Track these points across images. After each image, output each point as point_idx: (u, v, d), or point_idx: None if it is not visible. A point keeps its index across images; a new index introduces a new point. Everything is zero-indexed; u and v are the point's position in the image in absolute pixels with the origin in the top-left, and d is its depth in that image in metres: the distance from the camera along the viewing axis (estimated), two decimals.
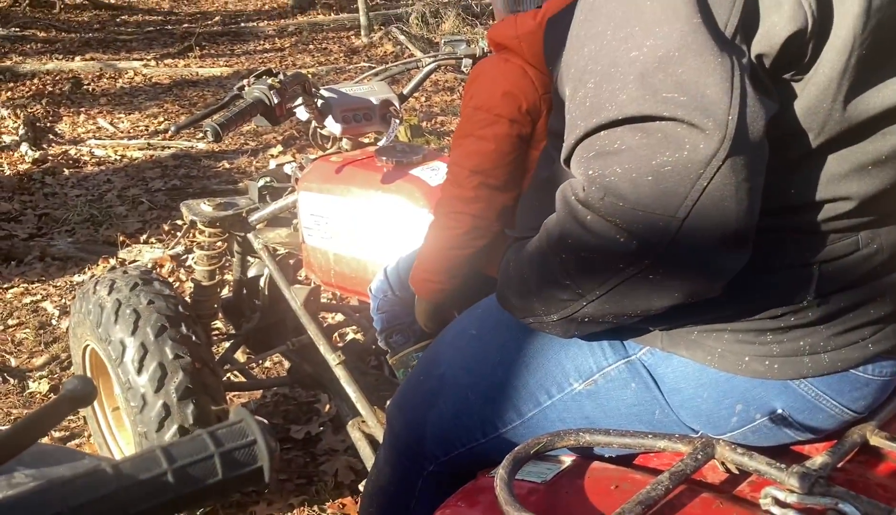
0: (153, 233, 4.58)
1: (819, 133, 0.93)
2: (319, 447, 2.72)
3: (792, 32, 0.86)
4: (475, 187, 1.58)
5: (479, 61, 1.73)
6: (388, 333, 1.93)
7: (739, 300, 1.01)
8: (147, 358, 2.08)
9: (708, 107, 0.83)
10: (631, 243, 0.88)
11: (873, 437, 1.08)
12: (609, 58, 0.89)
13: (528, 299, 1.07)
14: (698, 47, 0.83)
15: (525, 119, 1.57)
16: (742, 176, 0.84)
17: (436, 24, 10.10)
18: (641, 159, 0.86)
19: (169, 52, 9.73)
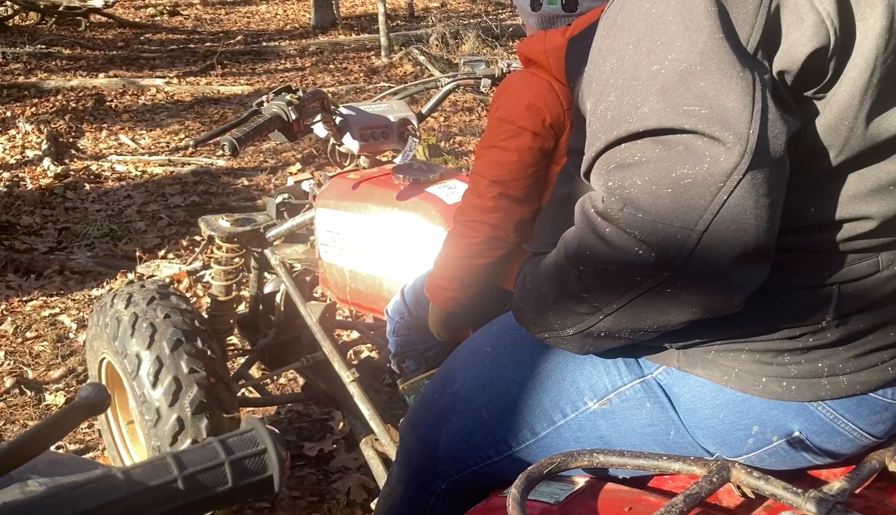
0: (171, 248, 4.61)
1: (840, 151, 0.92)
2: (332, 464, 2.72)
3: (814, 49, 0.86)
4: (494, 197, 1.59)
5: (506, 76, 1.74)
6: (401, 358, 1.94)
7: (757, 319, 1.00)
8: (162, 371, 2.09)
9: (729, 121, 0.83)
10: (650, 255, 0.88)
11: (892, 463, 1.07)
12: (631, 71, 0.89)
13: (544, 313, 1.07)
14: (720, 61, 0.84)
15: (548, 133, 1.58)
16: (762, 190, 0.84)
17: (455, 46, 10.15)
18: (662, 171, 0.86)
19: (191, 69, 9.83)
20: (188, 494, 0.51)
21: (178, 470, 0.52)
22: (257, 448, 0.54)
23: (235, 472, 0.53)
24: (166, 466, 0.52)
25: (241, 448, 0.54)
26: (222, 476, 0.53)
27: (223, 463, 0.53)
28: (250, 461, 0.54)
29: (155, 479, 0.51)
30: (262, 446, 0.54)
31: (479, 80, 2.31)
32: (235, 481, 0.53)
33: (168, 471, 0.52)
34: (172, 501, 0.51)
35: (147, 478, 0.51)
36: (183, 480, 0.51)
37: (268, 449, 0.54)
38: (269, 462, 0.54)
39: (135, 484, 0.50)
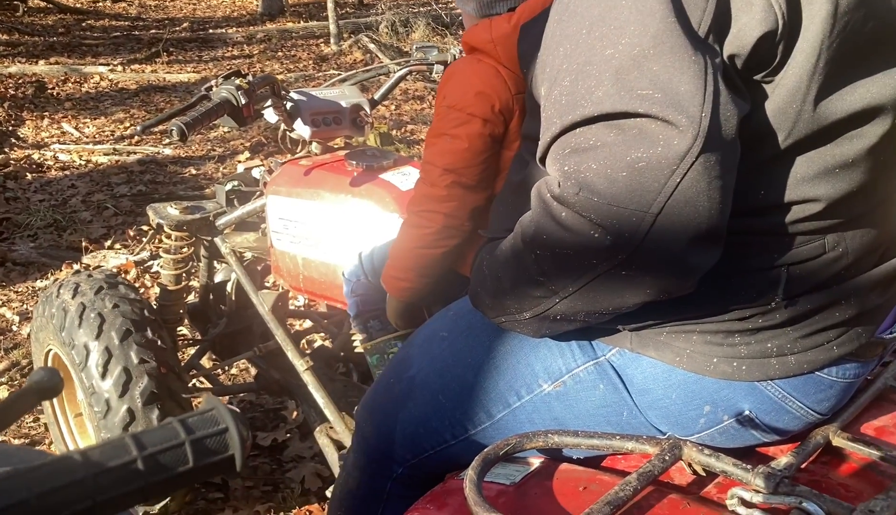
0: (118, 238, 4.52)
1: (788, 134, 0.94)
2: (286, 454, 2.70)
3: (762, 34, 0.87)
4: (448, 186, 1.59)
5: (453, 63, 1.73)
6: (365, 318, 1.91)
7: (709, 300, 1.02)
8: (111, 362, 2.05)
9: (682, 104, 0.84)
10: (605, 238, 0.88)
11: (836, 438, 1.10)
12: (584, 56, 0.90)
13: (501, 297, 1.07)
14: (672, 46, 0.85)
15: (498, 118, 1.58)
16: (715, 173, 0.86)
17: (405, 34, 10.11)
18: (616, 155, 0.87)
19: (136, 57, 9.63)
20: (148, 474, 0.51)
21: (137, 451, 0.51)
22: (218, 428, 0.53)
23: (196, 452, 0.52)
24: (125, 446, 0.51)
25: (202, 428, 0.53)
26: (183, 456, 0.52)
27: (183, 443, 0.52)
28: (211, 440, 0.53)
29: (114, 460, 0.50)
30: (223, 425, 0.54)
31: (432, 65, 2.30)
32: (196, 461, 0.52)
33: (127, 452, 0.51)
34: (132, 482, 0.50)
35: (106, 459, 0.50)
36: (143, 460, 0.51)
37: (229, 429, 0.54)
38: (231, 442, 0.54)
39: (93, 466, 0.49)
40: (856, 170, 0.98)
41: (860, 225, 1.03)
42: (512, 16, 1.55)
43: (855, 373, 1.10)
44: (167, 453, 0.52)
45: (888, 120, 0.97)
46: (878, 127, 0.97)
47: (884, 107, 0.96)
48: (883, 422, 1.17)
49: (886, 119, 0.97)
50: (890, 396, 1.22)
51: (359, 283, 1.88)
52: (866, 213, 1.03)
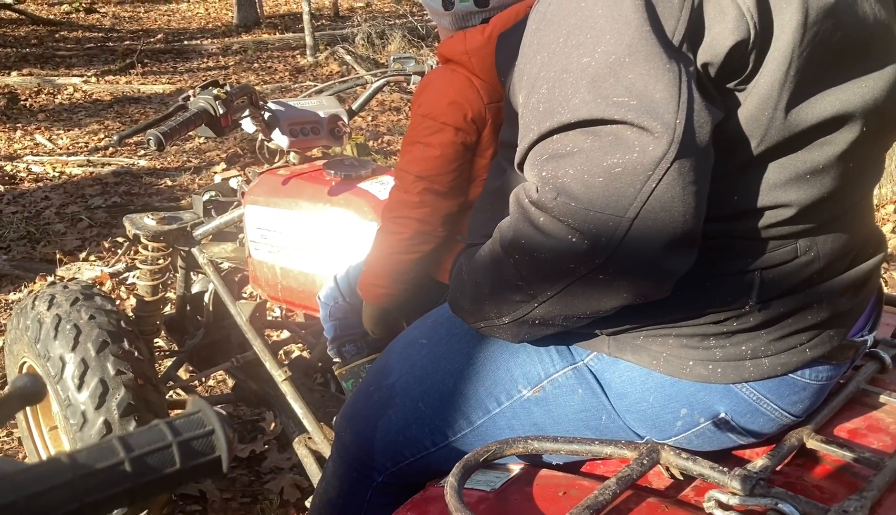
0: (93, 250, 4.48)
1: (761, 141, 0.96)
2: (264, 465, 2.69)
3: (735, 42, 0.89)
4: (420, 193, 1.61)
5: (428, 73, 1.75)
6: (342, 342, 1.92)
7: (684, 305, 1.04)
8: (88, 374, 2.03)
9: (656, 111, 0.86)
10: (582, 243, 0.90)
11: (810, 440, 1.12)
12: (561, 64, 0.91)
13: (480, 302, 1.08)
14: (647, 54, 0.86)
15: (470, 127, 1.60)
16: (689, 178, 0.87)
17: (382, 45, 10.13)
18: (593, 161, 0.88)
19: (110, 68, 9.58)
20: (136, 476, 0.51)
21: (125, 452, 0.51)
22: (205, 429, 0.54)
23: (183, 453, 0.53)
24: (112, 449, 0.51)
25: (189, 430, 0.54)
26: (170, 458, 0.53)
27: (171, 445, 0.52)
28: (198, 442, 0.53)
29: (101, 462, 0.50)
30: (210, 427, 0.54)
31: (410, 76, 2.31)
32: (183, 462, 0.53)
33: (115, 454, 0.51)
34: (120, 483, 0.50)
35: (93, 461, 0.50)
36: (130, 462, 0.51)
37: (215, 430, 0.54)
38: (217, 443, 0.54)
39: (80, 468, 0.49)
40: (826, 176, 1.00)
41: (831, 230, 1.05)
42: (486, 27, 1.57)
43: (827, 376, 1.11)
44: (154, 454, 0.52)
45: (856, 127, 0.99)
46: (847, 134, 0.99)
47: (852, 115, 0.98)
48: (856, 424, 1.19)
49: (855, 126, 0.99)
50: (862, 399, 1.24)
51: (336, 307, 1.89)
52: (837, 218, 1.05)
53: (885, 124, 1.04)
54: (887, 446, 1.13)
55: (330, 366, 2.35)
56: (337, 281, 1.87)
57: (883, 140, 1.08)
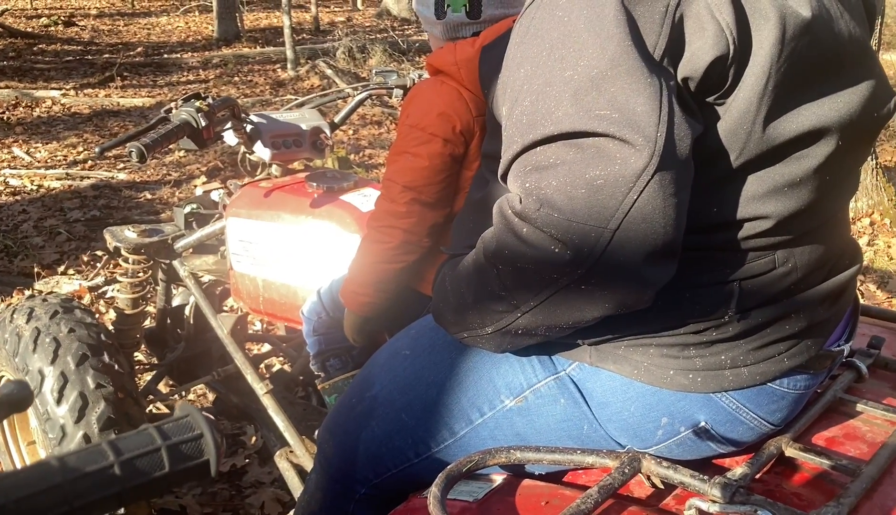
0: (71, 264, 4.45)
1: (740, 154, 0.98)
2: (245, 479, 2.67)
3: (715, 57, 0.91)
4: (407, 203, 1.62)
5: (416, 84, 1.76)
6: (325, 357, 1.92)
7: (665, 315, 1.05)
8: (67, 387, 2.01)
9: (638, 124, 0.87)
10: (565, 253, 0.91)
11: (788, 449, 1.13)
12: (545, 77, 0.93)
13: (463, 312, 1.09)
14: (629, 68, 0.88)
15: (458, 139, 1.61)
16: (670, 190, 0.89)
17: (362, 60, 10.16)
18: (575, 173, 0.89)
19: (89, 81, 9.52)
20: (125, 479, 0.51)
21: (114, 456, 0.51)
22: (193, 433, 0.54)
23: (172, 457, 0.53)
24: (102, 452, 0.51)
25: (177, 434, 0.54)
26: (159, 462, 0.53)
27: (160, 448, 0.53)
28: (186, 446, 0.54)
29: (91, 465, 0.50)
30: (199, 431, 0.54)
31: (392, 89, 2.32)
32: (172, 466, 0.53)
33: (104, 457, 0.51)
34: (109, 486, 0.50)
35: (83, 465, 0.50)
36: (120, 465, 0.51)
37: (204, 434, 0.54)
38: (206, 447, 0.54)
39: (71, 471, 0.49)
40: (803, 188, 1.02)
41: (808, 241, 1.07)
42: (475, 40, 1.59)
43: (805, 385, 1.13)
44: (143, 458, 0.52)
45: (832, 141, 1.01)
46: (823, 147, 1.01)
47: (828, 129, 1.00)
48: (833, 433, 1.21)
49: (831, 140, 1.01)
50: (839, 407, 1.26)
51: (320, 321, 1.89)
52: (814, 230, 1.07)
53: (860, 138, 1.07)
54: (864, 453, 1.14)
55: (311, 379, 2.35)
56: (320, 296, 1.87)
57: (857, 154, 1.11)
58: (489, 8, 1.63)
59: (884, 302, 4.05)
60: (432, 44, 1.75)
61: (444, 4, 1.63)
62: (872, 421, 1.23)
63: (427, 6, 1.67)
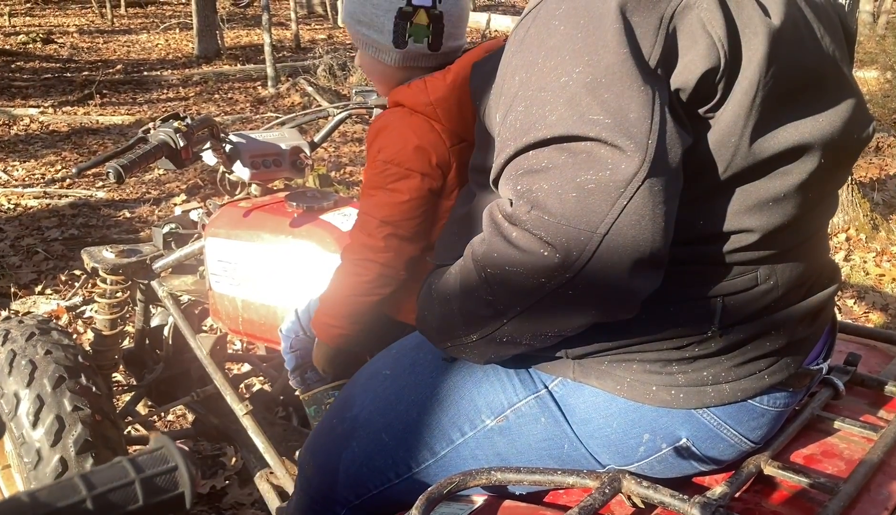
0: (49, 283, 4.41)
1: (727, 167, 0.99)
2: (225, 501, 2.65)
3: (706, 70, 0.93)
4: (385, 237, 1.59)
5: (380, 114, 1.71)
6: (303, 369, 1.90)
7: (649, 328, 1.06)
8: (44, 410, 1.98)
9: (630, 131, 0.88)
10: (554, 257, 0.91)
11: (767, 467, 1.14)
12: (539, 83, 0.94)
13: (449, 319, 1.09)
14: (624, 75, 0.89)
15: (436, 172, 1.59)
16: (659, 198, 0.90)
17: (343, 77, 10.17)
18: (567, 176, 0.90)
19: (68, 99, 9.47)
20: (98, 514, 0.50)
21: (86, 490, 0.50)
22: (168, 466, 0.53)
23: (146, 490, 0.52)
24: (74, 486, 0.50)
25: (152, 466, 0.53)
26: (133, 495, 0.52)
27: (133, 482, 0.52)
28: (161, 478, 0.53)
29: (63, 500, 0.49)
30: (173, 463, 0.54)
31: (371, 109, 2.32)
32: (146, 499, 0.52)
33: (76, 492, 0.50)
34: None
35: (55, 500, 0.49)
36: (92, 500, 0.50)
37: (178, 467, 0.54)
38: (181, 479, 0.54)
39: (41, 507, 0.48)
40: (787, 204, 1.03)
41: (790, 259, 1.08)
42: (446, 75, 1.55)
43: (785, 403, 1.14)
44: (117, 492, 0.52)
45: (814, 159, 1.03)
46: (805, 164, 1.03)
47: (810, 147, 1.02)
48: (811, 450, 1.21)
49: (813, 158, 1.03)
50: (817, 425, 1.27)
51: (297, 339, 1.87)
52: (795, 247, 1.08)
53: (840, 159, 1.09)
54: (841, 471, 1.15)
55: (292, 399, 2.33)
56: (298, 315, 1.86)
57: (838, 174, 1.13)
58: (449, 40, 1.61)
59: (860, 317, 4.09)
60: (372, 68, 1.67)
61: (405, 35, 1.58)
62: (850, 437, 1.24)
63: (379, 31, 1.59)
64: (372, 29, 1.60)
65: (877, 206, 5.43)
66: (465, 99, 1.52)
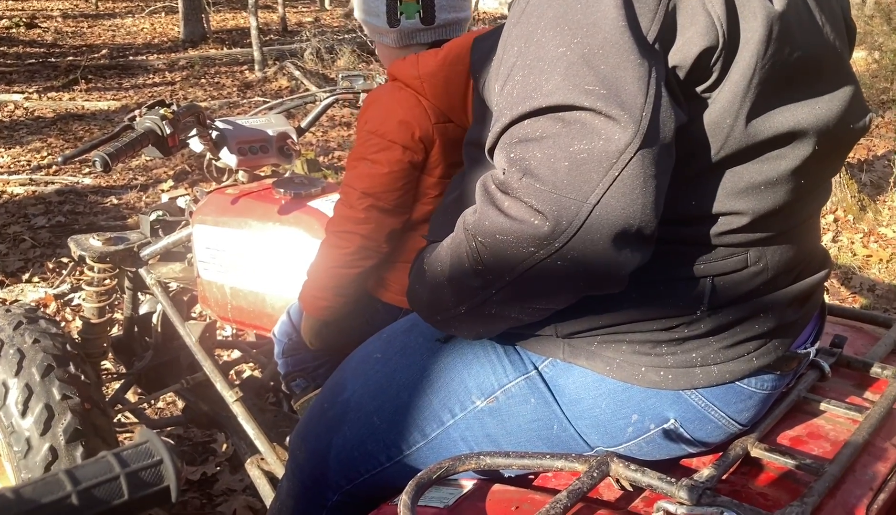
0: (36, 271, 4.38)
1: (721, 148, 0.99)
2: (216, 487, 2.65)
3: (704, 48, 0.93)
4: (365, 209, 1.62)
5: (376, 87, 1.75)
6: (291, 378, 1.93)
7: (639, 308, 1.06)
8: (32, 399, 1.98)
9: (625, 102, 0.89)
10: (544, 225, 0.92)
11: (754, 449, 1.15)
12: (537, 53, 0.94)
13: (439, 291, 1.10)
14: (621, 47, 0.89)
15: (418, 146, 1.61)
16: (650, 172, 0.90)
17: (331, 60, 10.12)
18: (560, 145, 0.91)
19: (53, 85, 9.39)
20: (83, 509, 0.50)
21: (71, 486, 0.50)
22: (153, 460, 0.54)
23: (131, 484, 0.52)
24: (59, 482, 0.50)
25: (137, 461, 0.53)
26: (118, 490, 0.52)
27: (118, 476, 0.52)
28: (146, 472, 0.53)
29: (48, 496, 0.49)
30: (158, 457, 0.54)
31: (358, 94, 2.32)
32: (132, 493, 0.52)
33: (61, 487, 0.50)
34: None
35: (39, 496, 0.49)
36: (77, 495, 0.50)
37: (163, 460, 0.54)
38: (166, 473, 0.54)
39: (26, 503, 0.48)
40: (779, 189, 1.04)
41: (781, 242, 1.09)
42: (438, 52, 1.58)
43: (772, 386, 1.15)
44: (102, 487, 0.52)
45: (809, 145, 1.03)
46: (799, 150, 1.03)
47: (805, 132, 1.02)
48: (797, 432, 1.23)
49: (807, 144, 1.03)
50: (804, 407, 1.28)
51: (290, 344, 1.89)
52: (786, 232, 1.09)
53: (835, 147, 1.09)
54: (827, 452, 1.16)
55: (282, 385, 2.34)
56: (290, 315, 1.87)
57: (832, 162, 1.13)
58: (442, 13, 1.63)
59: (847, 298, 4.12)
60: (382, 53, 1.74)
61: (396, 13, 1.62)
62: (835, 419, 1.25)
63: (376, 16, 1.66)
64: (372, 16, 1.66)
65: (864, 187, 5.46)
66: (453, 78, 1.54)
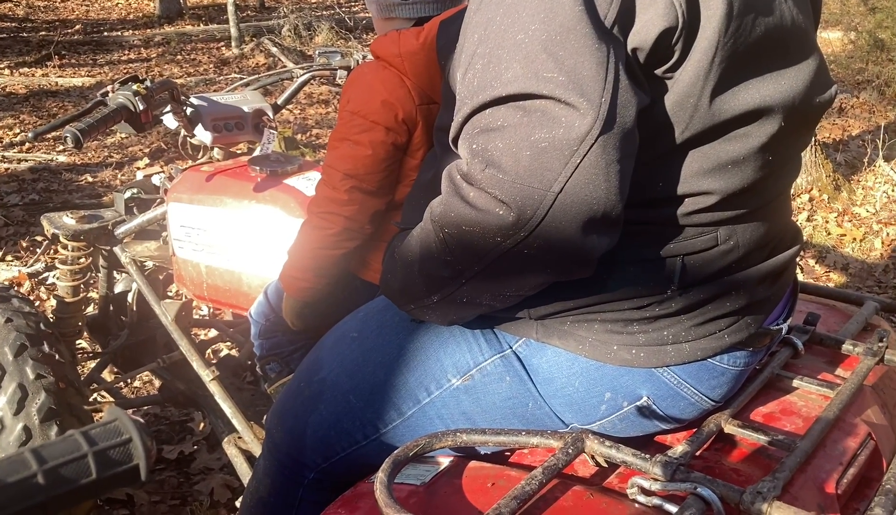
0: (9, 250, 4.33)
1: (685, 128, 0.99)
2: (193, 466, 2.65)
3: (663, 29, 0.92)
4: (348, 190, 1.61)
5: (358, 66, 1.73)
6: (266, 361, 1.92)
7: (609, 288, 1.07)
8: (5, 379, 1.96)
9: (583, 88, 0.88)
10: (508, 215, 0.92)
11: (727, 426, 1.16)
12: (496, 41, 0.93)
13: (410, 281, 1.10)
14: (579, 33, 0.89)
15: (401, 128, 1.60)
16: (613, 157, 0.90)
17: (309, 37, 10.02)
18: (521, 135, 0.90)
19: (25, 60, 9.23)
20: (50, 488, 0.49)
21: (37, 465, 0.50)
22: (122, 438, 0.53)
23: (99, 463, 0.52)
24: (24, 461, 0.50)
25: (105, 439, 0.53)
26: (86, 468, 0.51)
27: (86, 455, 0.51)
28: (115, 451, 0.52)
29: (12, 475, 0.49)
30: (127, 435, 0.53)
31: (335, 71, 2.30)
32: (100, 472, 0.52)
33: (27, 466, 0.49)
34: (33, 496, 0.49)
35: (4, 475, 0.48)
36: (43, 474, 0.50)
37: (133, 439, 0.53)
38: (135, 452, 0.53)
39: None
40: (746, 167, 1.04)
41: (751, 220, 1.09)
42: (420, 32, 1.57)
43: (745, 362, 1.16)
44: (69, 465, 0.51)
45: (775, 122, 1.03)
46: (766, 127, 1.03)
47: (771, 109, 1.02)
48: (770, 409, 1.24)
49: (774, 121, 1.03)
50: (777, 383, 1.29)
51: (266, 325, 1.88)
52: (757, 210, 1.09)
53: (801, 122, 1.09)
54: (799, 428, 1.18)
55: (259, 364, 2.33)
56: (267, 295, 1.86)
57: (799, 137, 1.13)
58: None
59: (822, 277, 4.17)
60: (376, 25, 1.74)
61: None
62: (807, 395, 1.27)
63: None
64: None
65: (839, 167, 5.50)
66: (434, 60, 1.53)
